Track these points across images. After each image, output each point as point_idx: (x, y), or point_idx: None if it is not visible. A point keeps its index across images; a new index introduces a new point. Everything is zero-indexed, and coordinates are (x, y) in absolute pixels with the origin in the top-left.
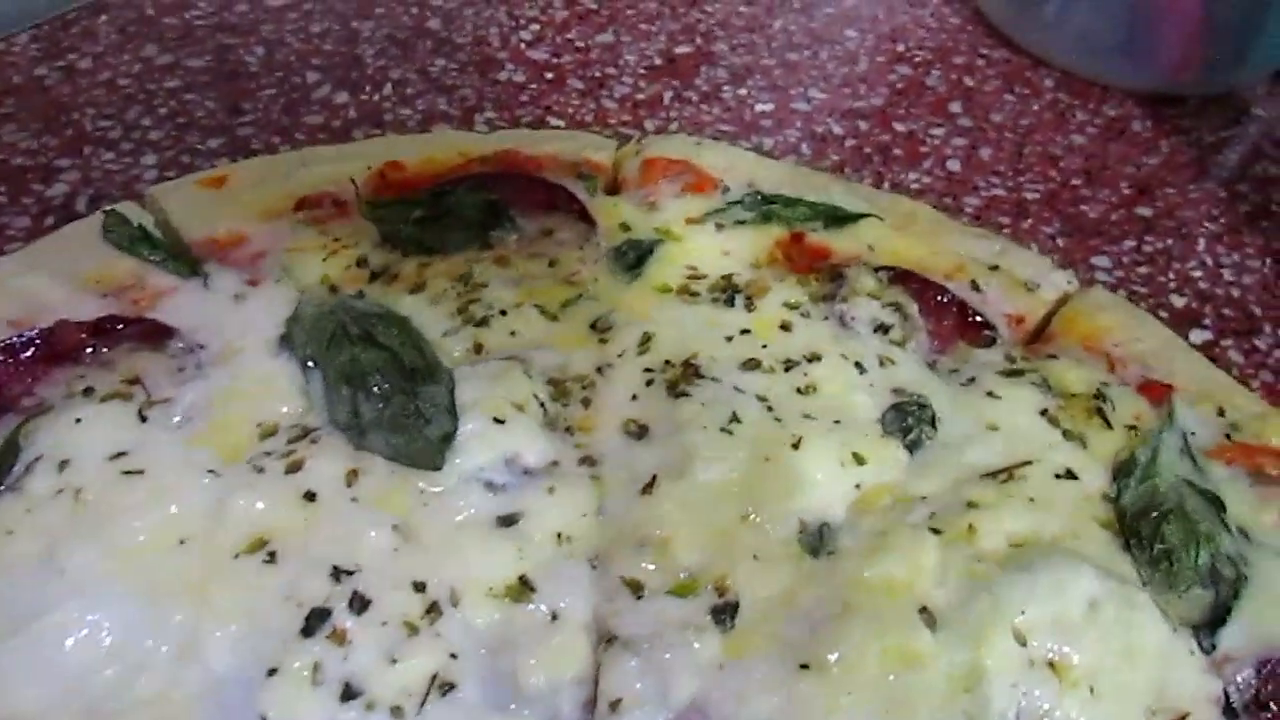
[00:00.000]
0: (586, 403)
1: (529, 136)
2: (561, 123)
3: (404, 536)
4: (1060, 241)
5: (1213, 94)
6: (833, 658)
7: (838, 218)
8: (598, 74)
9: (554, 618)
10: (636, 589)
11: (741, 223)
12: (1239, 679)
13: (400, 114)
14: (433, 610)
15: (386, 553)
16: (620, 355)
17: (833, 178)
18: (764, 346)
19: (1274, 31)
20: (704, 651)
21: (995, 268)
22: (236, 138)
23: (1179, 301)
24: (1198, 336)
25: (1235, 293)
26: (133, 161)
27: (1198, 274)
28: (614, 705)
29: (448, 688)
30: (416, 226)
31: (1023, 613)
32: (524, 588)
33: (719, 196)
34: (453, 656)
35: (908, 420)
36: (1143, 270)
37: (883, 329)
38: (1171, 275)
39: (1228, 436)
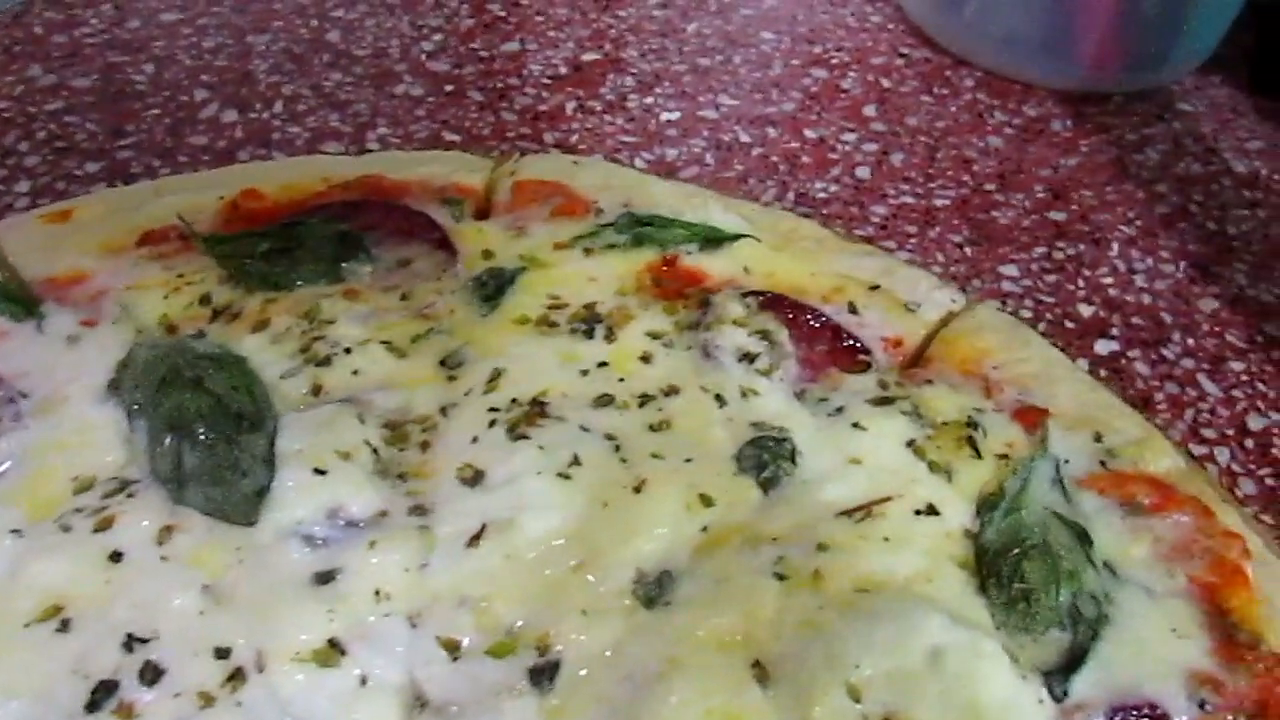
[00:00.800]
0: (425, 446)
1: (399, 160)
2: (457, 137)
3: (214, 598)
4: (968, 250)
5: (1137, 91)
6: (652, 718)
7: (713, 239)
8: (499, 85)
9: (364, 682)
10: (453, 649)
11: (613, 246)
12: None
13: (289, 132)
14: (235, 677)
15: (191, 616)
16: (467, 394)
17: (714, 195)
18: (620, 380)
19: (1195, 27)
20: (519, 715)
21: (876, 287)
22: (116, 161)
23: (1087, 311)
24: (1104, 347)
25: (1146, 300)
26: (4, 189)
27: (1108, 281)
28: None
29: None
30: (264, 261)
31: (857, 666)
32: (333, 650)
33: (591, 219)
34: None
35: (764, 456)
36: (1051, 278)
37: (748, 358)
38: (1081, 283)
39: (1103, 464)
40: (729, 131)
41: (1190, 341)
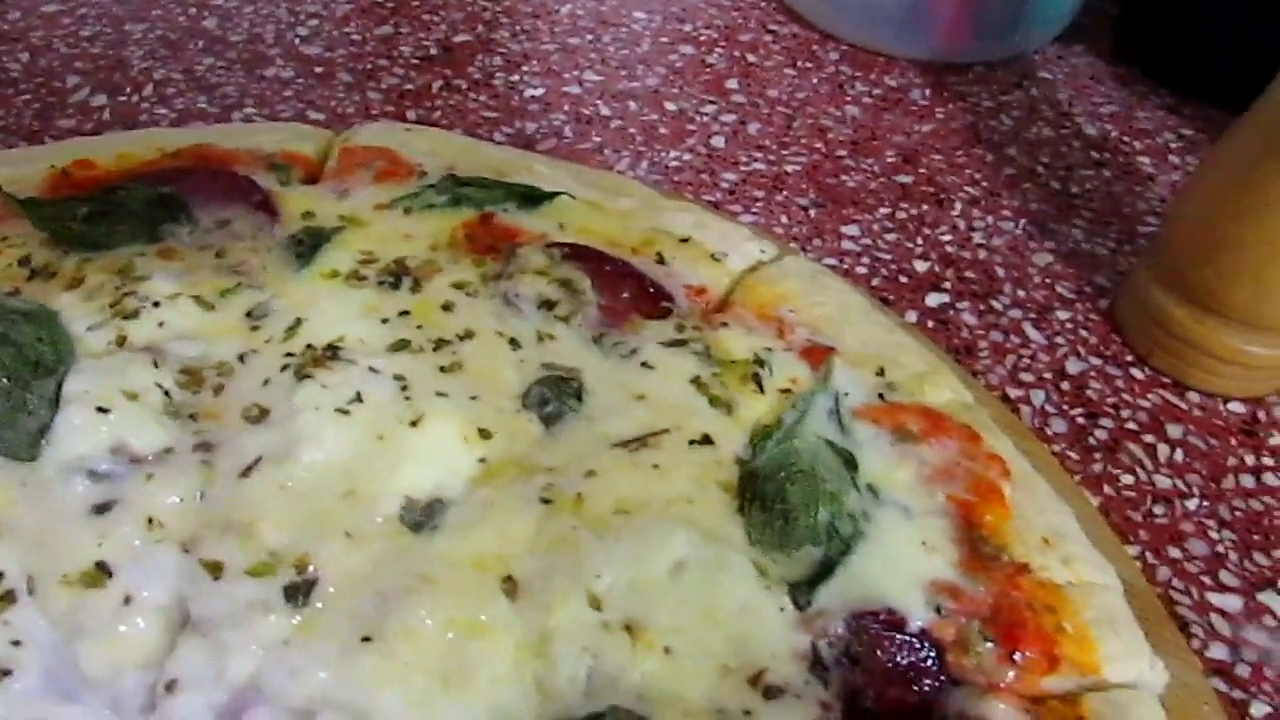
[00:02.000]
0: (219, 390)
1: (236, 131)
2: (322, 116)
3: None
4: (812, 213)
5: (999, 60)
6: (394, 629)
7: (530, 198)
8: (369, 66)
9: (126, 601)
10: (216, 571)
11: (431, 206)
12: (832, 633)
13: (156, 114)
14: (4, 598)
15: None
16: (267, 342)
17: (541, 158)
18: (419, 328)
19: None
20: (271, 630)
21: (686, 240)
22: None
23: (922, 267)
24: (935, 300)
25: (982, 255)
26: None
27: (947, 238)
28: (169, 686)
29: (2, 674)
30: (84, 223)
31: (598, 576)
32: (100, 573)
33: (415, 182)
34: (15, 644)
35: (547, 393)
36: (891, 237)
37: (548, 305)
38: (920, 241)
39: (881, 396)
40: (590, 106)
41: (1020, 294)
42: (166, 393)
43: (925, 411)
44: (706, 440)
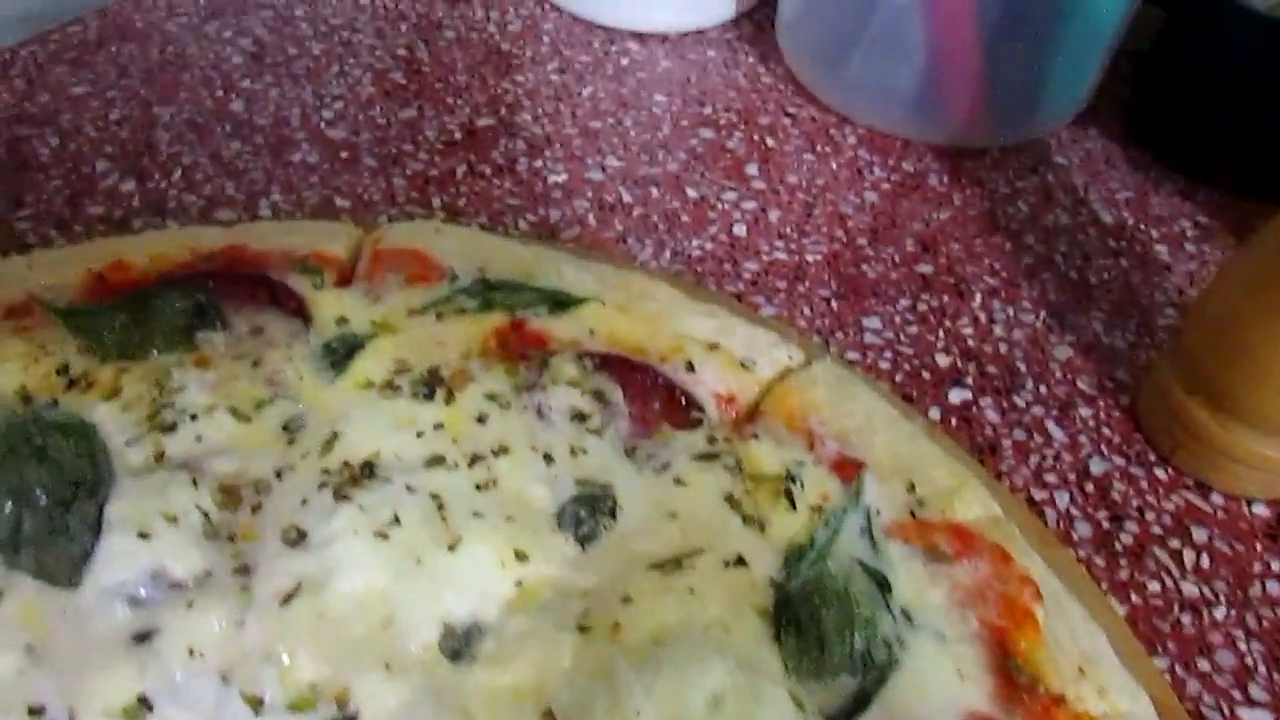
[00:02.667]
0: (256, 509)
1: (269, 230)
2: (347, 203)
3: (35, 658)
4: (834, 304)
5: (1014, 144)
6: None
7: (560, 302)
8: (393, 151)
9: None
10: (256, 705)
11: (463, 311)
12: None
13: (185, 200)
14: None
15: (10, 676)
16: (303, 457)
17: (568, 257)
18: (454, 442)
19: (1060, 83)
20: None
21: (715, 346)
22: (14, 231)
23: (944, 361)
24: (957, 396)
25: (1003, 348)
26: None
27: (968, 331)
28: None
29: None
30: (121, 332)
31: (638, 714)
32: (142, 707)
33: (446, 285)
34: None
35: (583, 512)
36: (912, 330)
37: (580, 417)
38: (941, 333)
39: (912, 514)
40: (613, 192)
41: (1042, 389)
42: (205, 514)
43: (957, 529)
44: (740, 562)
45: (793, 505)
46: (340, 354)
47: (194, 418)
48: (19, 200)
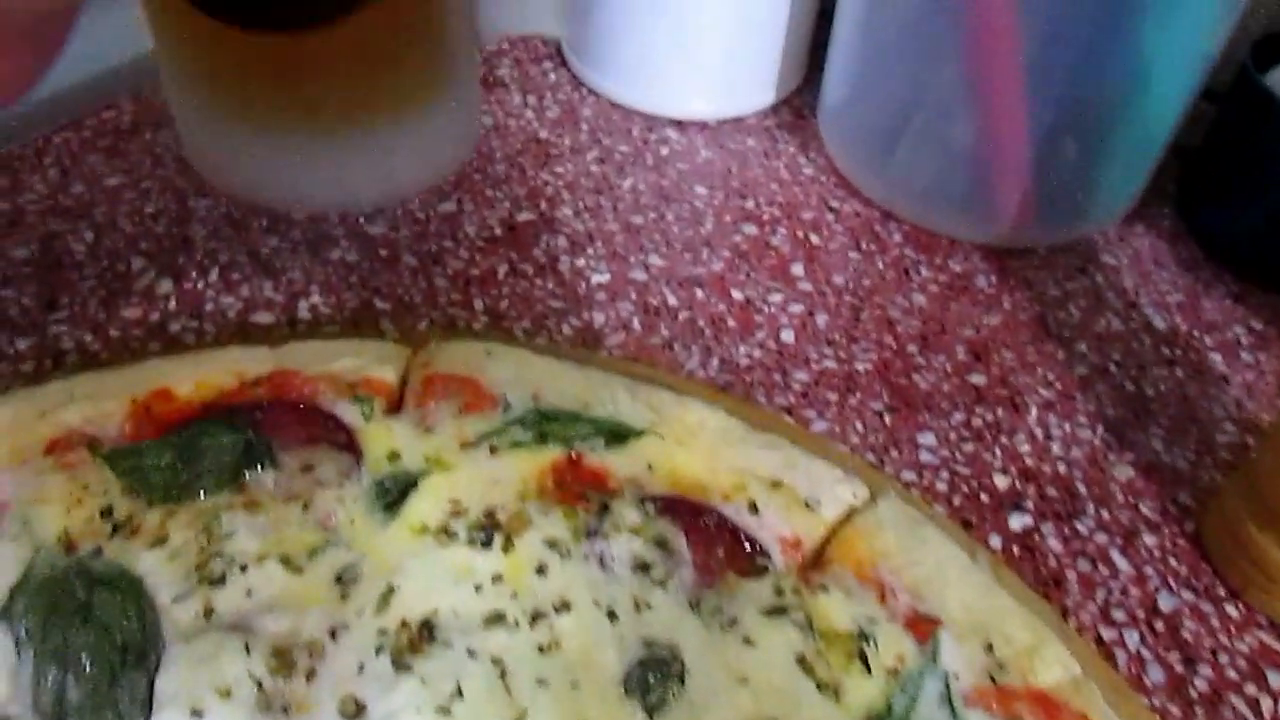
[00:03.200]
0: (311, 675)
1: (315, 352)
2: (388, 305)
3: None
4: (887, 418)
5: (1061, 243)
6: None
7: (617, 434)
8: (433, 248)
9: None
10: None
11: (518, 444)
12: None
13: (222, 303)
14: None
15: None
16: (359, 614)
17: (623, 384)
18: (514, 596)
19: (1112, 185)
20: None
21: (778, 484)
22: (48, 336)
23: (1002, 482)
24: (1017, 522)
25: (1062, 468)
26: None
27: (1025, 448)
28: None
29: None
30: (168, 473)
31: None
32: None
33: (498, 415)
34: None
35: (651, 679)
36: (968, 447)
37: (643, 567)
38: (998, 451)
39: (992, 679)
40: (657, 294)
41: (1104, 514)
42: (259, 683)
43: (1040, 697)
44: None
45: (867, 668)
46: (393, 494)
47: (244, 569)
48: (53, 302)
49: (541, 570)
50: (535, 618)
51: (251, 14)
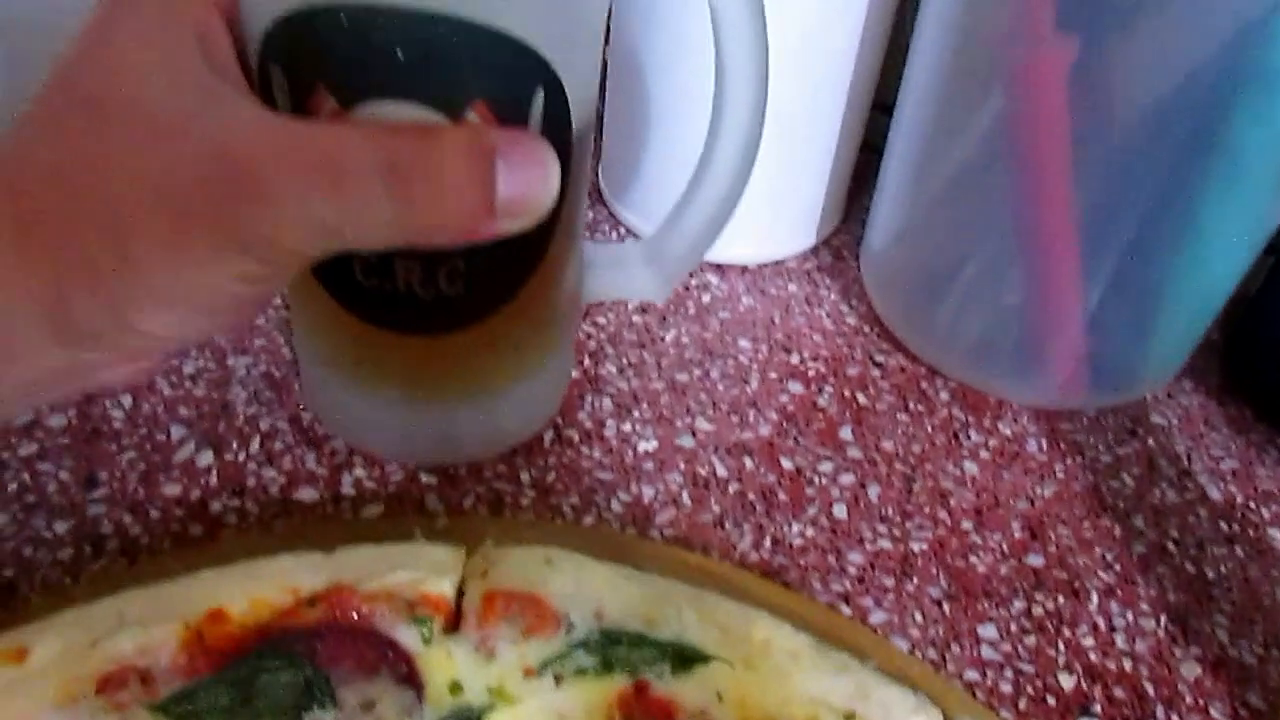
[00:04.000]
0: None
1: (366, 561)
2: (434, 480)
3: None
4: (945, 607)
5: (1109, 404)
6: None
7: (684, 657)
8: None
9: None
10: None
11: (583, 671)
12: None
13: (264, 476)
14: None
15: None
16: None
17: (688, 598)
18: None
19: (1166, 348)
20: None
21: (851, 715)
22: (86, 519)
23: (1067, 682)
24: None
25: (1127, 665)
26: None
27: (1089, 642)
28: None
29: None
30: (224, 715)
31: None
32: None
33: (561, 637)
34: None
35: None
36: (1030, 640)
37: None
38: (1061, 645)
39: None
40: (705, 463)
41: (1174, 718)
42: None
43: None
44: None
45: None
46: None
47: None
48: (92, 478)
49: None
50: None
51: (404, 322)
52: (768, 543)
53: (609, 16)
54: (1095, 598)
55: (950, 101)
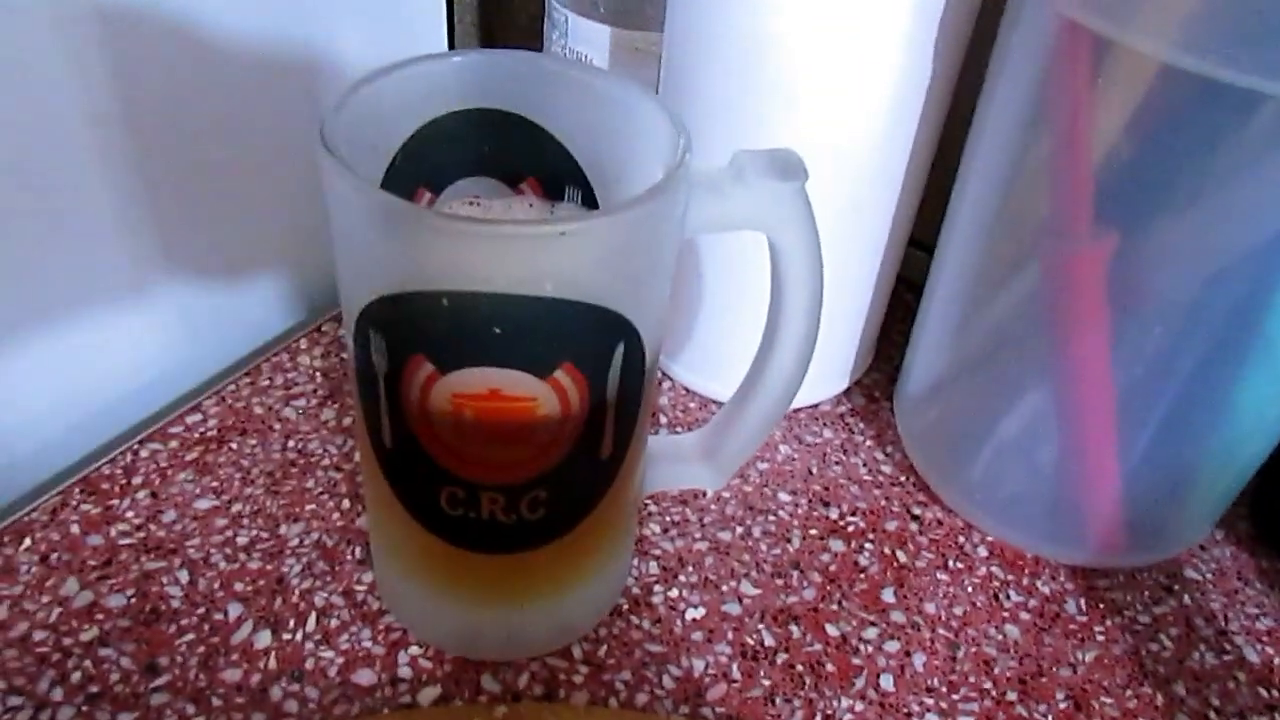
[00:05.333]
0: None
1: None
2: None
3: None
4: None
5: (1144, 563)
6: None
7: None
8: None
9: None
10: None
11: None
12: None
13: (321, 658)
14: None
15: None
16: None
17: None
18: None
19: (1203, 507)
20: None
21: None
22: (149, 710)
23: None
24: None
25: None
26: None
27: None
28: None
29: None
30: None
31: None
32: None
33: None
34: None
35: None
36: None
37: None
38: None
39: None
40: (753, 632)
41: None
42: None
43: None
44: None
45: None
46: None
47: None
48: (153, 665)
49: None
50: None
51: (484, 543)
52: None
53: None
54: None
55: (989, 266)
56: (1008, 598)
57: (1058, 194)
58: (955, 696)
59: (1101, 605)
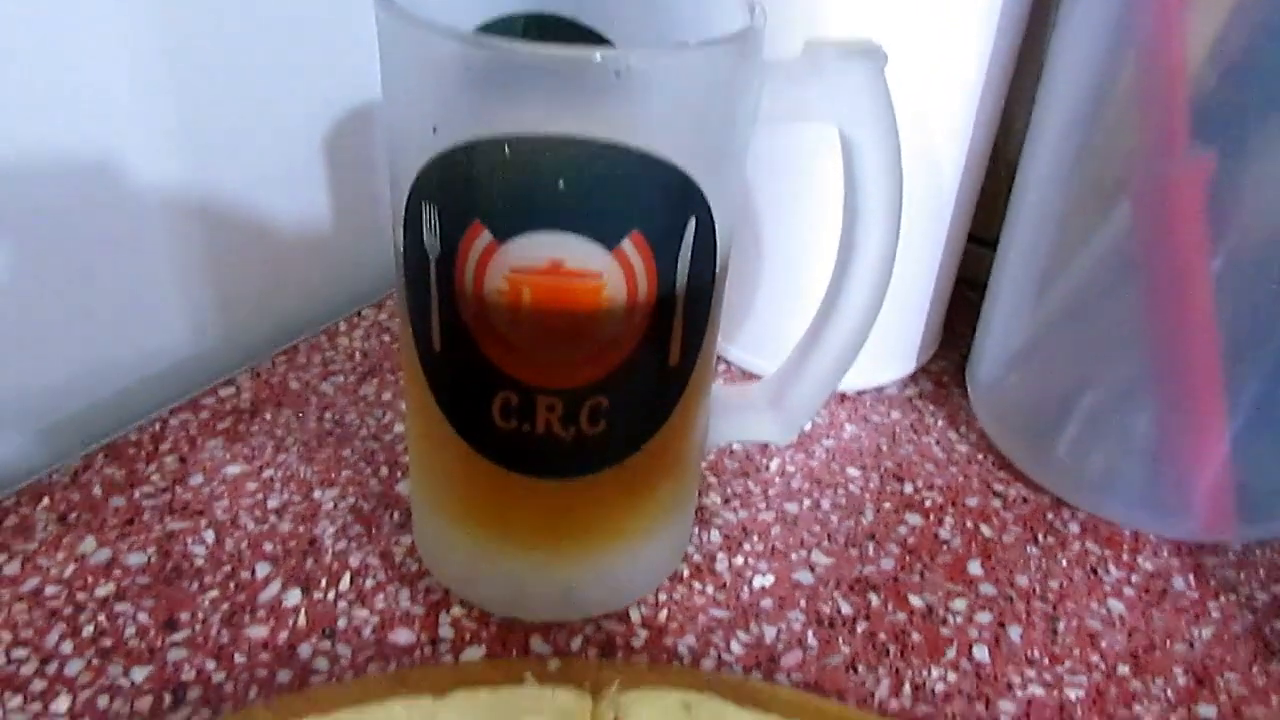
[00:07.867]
0: None
1: (483, 707)
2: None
3: None
4: None
5: (1255, 539)
6: None
7: None
8: None
9: None
10: None
11: None
12: None
13: (356, 617)
14: None
15: None
16: None
17: None
18: None
19: None
20: None
21: None
22: (166, 665)
23: None
24: None
25: None
26: (41, 709)
27: None
28: None
29: None
30: None
31: None
32: None
33: None
34: None
35: None
36: None
37: None
38: None
39: None
40: (828, 600)
41: None
42: None
43: None
44: None
45: None
46: None
47: None
48: (172, 620)
49: None
50: None
51: (540, 465)
52: (907, 689)
53: None
54: None
55: (1069, 220)
56: (1107, 572)
57: (1149, 115)
58: (1059, 669)
59: (1212, 582)
